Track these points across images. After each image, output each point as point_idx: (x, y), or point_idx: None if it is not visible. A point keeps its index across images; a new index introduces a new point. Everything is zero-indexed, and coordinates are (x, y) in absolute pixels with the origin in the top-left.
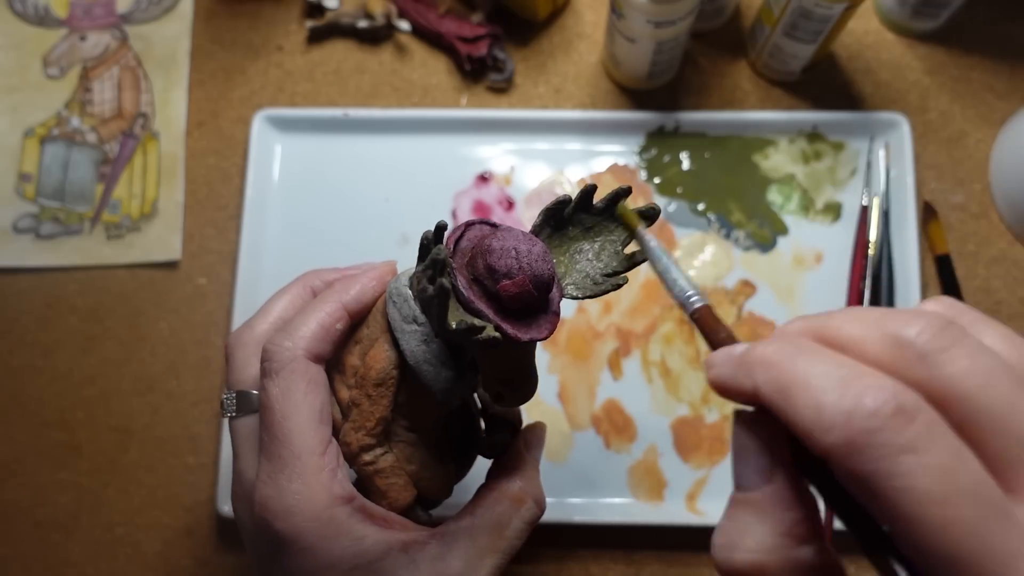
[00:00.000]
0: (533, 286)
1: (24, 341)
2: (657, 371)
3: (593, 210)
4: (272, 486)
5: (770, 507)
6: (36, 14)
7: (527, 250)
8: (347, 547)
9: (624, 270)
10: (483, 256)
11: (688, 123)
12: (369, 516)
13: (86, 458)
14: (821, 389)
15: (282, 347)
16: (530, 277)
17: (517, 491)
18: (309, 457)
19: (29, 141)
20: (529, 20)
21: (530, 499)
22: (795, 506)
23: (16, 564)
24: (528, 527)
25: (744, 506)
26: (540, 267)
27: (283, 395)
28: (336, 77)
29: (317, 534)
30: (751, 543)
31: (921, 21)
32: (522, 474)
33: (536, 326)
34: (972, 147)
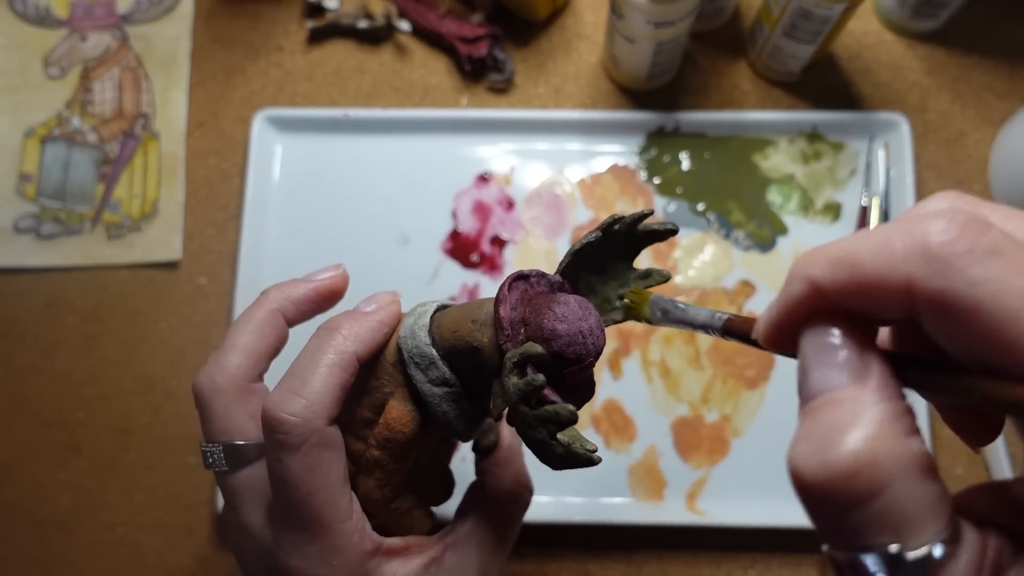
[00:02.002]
0: (595, 356)
1: (24, 341)
2: (657, 371)
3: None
4: (300, 557)
5: (873, 398)
6: (37, 14)
7: (590, 329)
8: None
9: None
10: (547, 343)
11: (688, 123)
12: (393, 554)
13: (86, 458)
14: (886, 239)
15: (298, 417)
16: (596, 356)
17: (512, 485)
18: (340, 526)
19: (30, 141)
20: (529, 20)
21: (524, 489)
22: (899, 396)
23: (16, 564)
24: (523, 515)
25: (834, 405)
26: (601, 342)
27: (308, 472)
28: (336, 77)
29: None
30: (855, 436)
31: (921, 21)
32: (513, 465)
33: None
34: (972, 147)
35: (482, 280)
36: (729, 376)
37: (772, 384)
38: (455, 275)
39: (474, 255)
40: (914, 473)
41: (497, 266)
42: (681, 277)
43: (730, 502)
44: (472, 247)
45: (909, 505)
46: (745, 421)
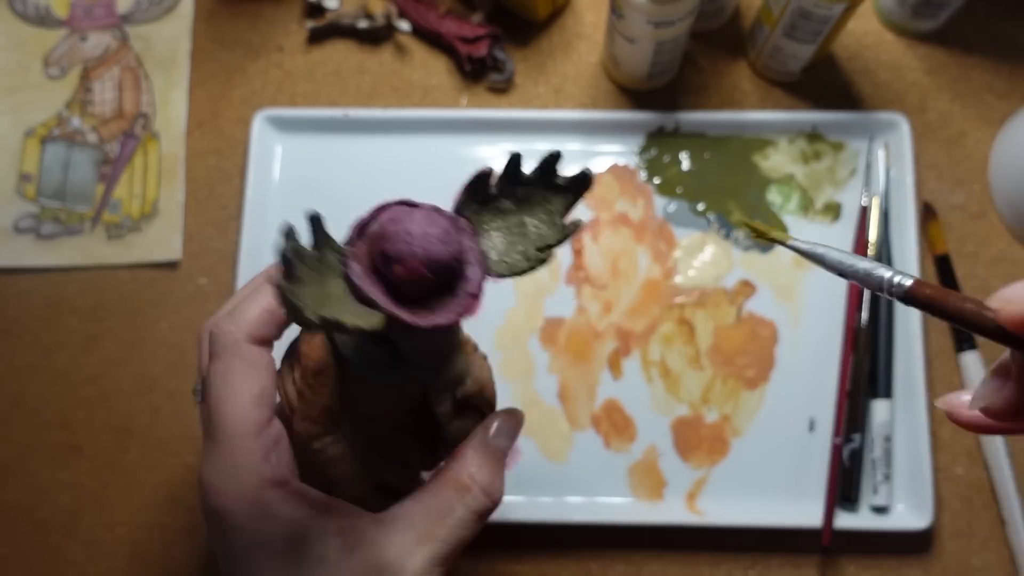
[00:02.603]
0: (428, 270)
1: (24, 341)
2: (657, 371)
3: (524, 180)
4: (209, 466)
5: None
6: (36, 14)
7: (422, 232)
8: (277, 530)
9: (557, 242)
10: (378, 242)
11: (688, 123)
12: (306, 501)
13: (87, 458)
14: None
15: (225, 331)
16: (423, 261)
17: (464, 477)
18: (242, 440)
19: (30, 141)
20: (529, 20)
21: (477, 487)
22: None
23: (17, 564)
24: (475, 517)
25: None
26: (437, 250)
27: (222, 378)
28: (336, 77)
29: (245, 515)
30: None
31: (921, 21)
32: (477, 460)
33: (443, 311)
34: (972, 147)
35: None
36: (729, 376)
37: (772, 384)
38: None
39: None
40: None
41: None
42: (681, 277)
43: (730, 502)
44: None
45: None
46: (745, 421)
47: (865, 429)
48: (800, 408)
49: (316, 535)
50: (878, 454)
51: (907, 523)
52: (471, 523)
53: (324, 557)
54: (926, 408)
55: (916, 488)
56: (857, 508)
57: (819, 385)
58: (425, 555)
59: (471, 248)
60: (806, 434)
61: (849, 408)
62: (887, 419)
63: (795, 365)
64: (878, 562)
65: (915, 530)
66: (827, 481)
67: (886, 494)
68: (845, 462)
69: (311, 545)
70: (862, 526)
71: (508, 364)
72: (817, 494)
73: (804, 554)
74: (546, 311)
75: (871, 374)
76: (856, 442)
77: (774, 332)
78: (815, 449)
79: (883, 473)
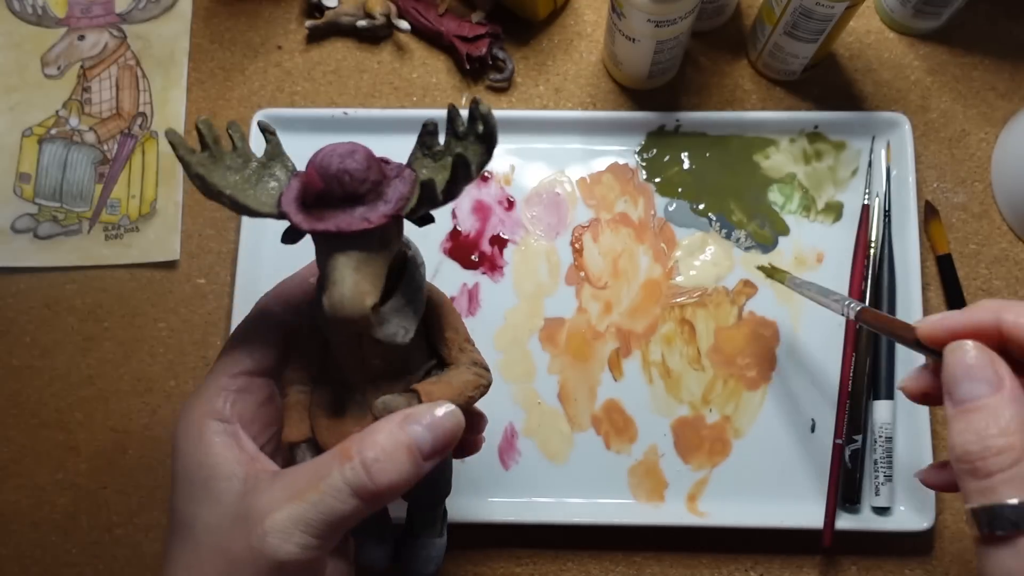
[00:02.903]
0: (320, 178)
1: (22, 342)
2: (657, 371)
3: (460, 133)
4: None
5: (1008, 402)
6: (34, 13)
7: (346, 152)
8: (202, 460)
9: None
10: (314, 156)
11: (689, 123)
12: (237, 444)
13: (84, 459)
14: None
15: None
16: (318, 168)
17: (351, 447)
18: (213, 376)
19: (27, 141)
20: (529, 19)
21: (359, 461)
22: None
23: (15, 565)
24: (349, 491)
25: (979, 411)
26: (337, 164)
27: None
28: (336, 76)
29: (185, 437)
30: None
31: (922, 20)
32: (374, 438)
33: (333, 219)
34: (974, 146)
35: (482, 280)
36: (730, 377)
37: (773, 385)
38: (455, 275)
39: (474, 255)
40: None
41: (497, 266)
42: (682, 277)
43: (731, 503)
44: (472, 247)
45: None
46: (746, 422)
47: (866, 430)
48: (801, 409)
49: (226, 475)
50: (879, 455)
51: (908, 524)
52: (344, 495)
53: (221, 497)
54: (927, 409)
55: (917, 489)
56: (858, 509)
57: (820, 386)
58: (288, 513)
59: (396, 189)
60: (807, 435)
61: (850, 409)
62: (888, 420)
63: (796, 365)
64: (879, 563)
65: (916, 531)
66: (828, 482)
67: (887, 495)
68: (846, 463)
69: (219, 483)
70: (863, 527)
71: (508, 364)
72: (818, 495)
73: (805, 555)
74: (546, 311)
75: (872, 375)
76: (857, 443)
77: (775, 332)
78: (816, 450)
79: (884, 474)
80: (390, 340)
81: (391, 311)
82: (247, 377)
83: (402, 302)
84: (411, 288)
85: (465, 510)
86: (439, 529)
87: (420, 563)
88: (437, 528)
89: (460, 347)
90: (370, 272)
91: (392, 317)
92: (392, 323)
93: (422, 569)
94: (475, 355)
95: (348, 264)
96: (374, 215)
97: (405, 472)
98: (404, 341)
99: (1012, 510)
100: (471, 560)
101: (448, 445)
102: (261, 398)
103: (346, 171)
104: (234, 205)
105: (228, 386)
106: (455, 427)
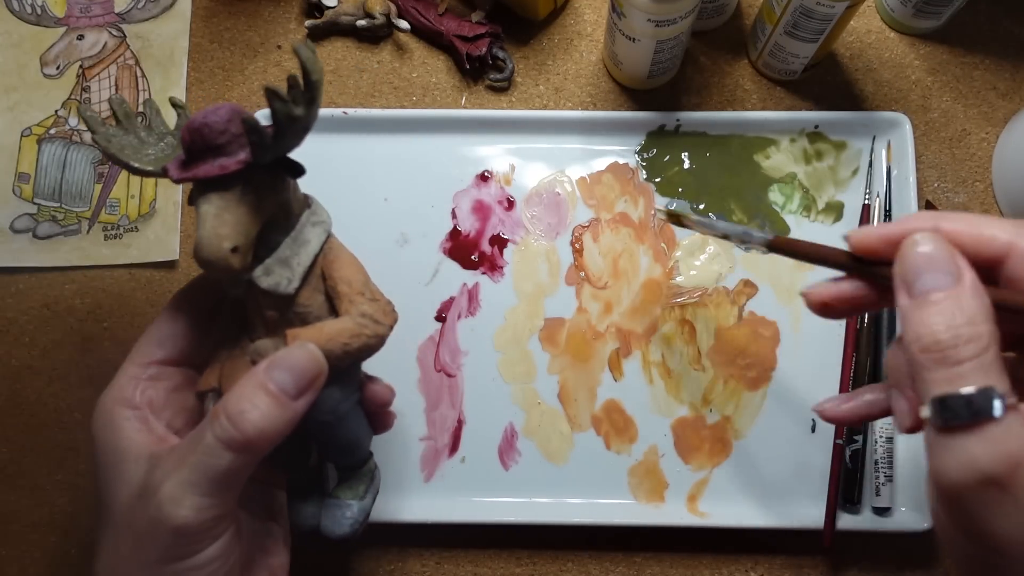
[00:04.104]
0: (187, 131)
1: (22, 342)
2: (658, 372)
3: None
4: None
5: (973, 293)
6: (33, 13)
7: (211, 110)
8: (114, 444)
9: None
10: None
11: (689, 122)
12: (146, 428)
13: (84, 459)
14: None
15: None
16: (186, 125)
17: (217, 405)
18: (124, 367)
19: (27, 141)
20: (529, 19)
21: (224, 415)
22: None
23: (14, 565)
24: (222, 445)
25: (945, 302)
26: (200, 119)
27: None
28: (335, 76)
29: (99, 425)
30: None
31: (923, 20)
32: (237, 390)
33: (196, 169)
34: (974, 146)
35: (482, 280)
36: (730, 377)
37: (774, 385)
38: (455, 275)
39: (474, 255)
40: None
41: (497, 266)
42: (682, 277)
43: (731, 504)
44: (472, 247)
45: (991, 367)
46: (747, 422)
47: (867, 430)
48: (802, 409)
49: (134, 457)
50: (880, 455)
51: (909, 524)
52: (219, 451)
53: (130, 478)
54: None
55: (918, 490)
56: (859, 510)
57: (821, 386)
58: (176, 479)
59: (254, 143)
60: (808, 435)
61: None
62: (889, 420)
63: (797, 366)
64: (880, 564)
65: (917, 531)
66: (828, 482)
67: (888, 495)
68: (847, 463)
69: (128, 464)
70: (864, 527)
71: (508, 364)
72: (819, 495)
73: (806, 556)
74: (546, 311)
75: (873, 375)
76: (858, 443)
77: (776, 332)
78: (817, 450)
79: (885, 474)
80: (273, 290)
81: (276, 262)
82: (158, 366)
83: (286, 254)
84: (298, 242)
85: (465, 510)
86: (360, 492)
87: (332, 522)
88: (358, 491)
89: (351, 299)
90: (231, 219)
91: (276, 268)
92: (276, 273)
93: (333, 528)
94: (365, 307)
95: (209, 210)
96: (230, 162)
97: (271, 415)
98: (288, 291)
99: (981, 394)
100: (471, 560)
101: (309, 382)
102: (173, 384)
103: (206, 123)
104: (122, 165)
105: (138, 375)
106: (309, 362)
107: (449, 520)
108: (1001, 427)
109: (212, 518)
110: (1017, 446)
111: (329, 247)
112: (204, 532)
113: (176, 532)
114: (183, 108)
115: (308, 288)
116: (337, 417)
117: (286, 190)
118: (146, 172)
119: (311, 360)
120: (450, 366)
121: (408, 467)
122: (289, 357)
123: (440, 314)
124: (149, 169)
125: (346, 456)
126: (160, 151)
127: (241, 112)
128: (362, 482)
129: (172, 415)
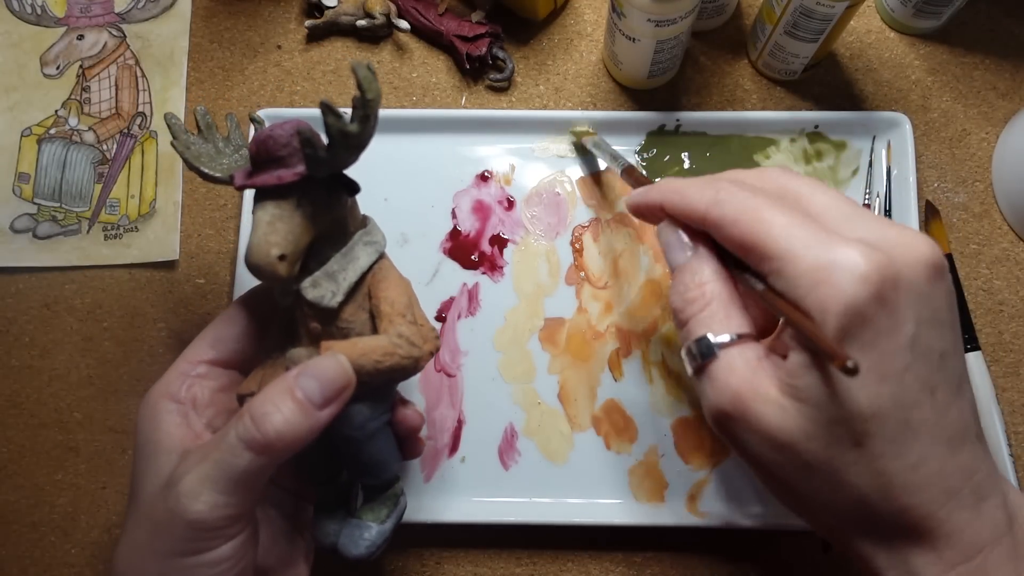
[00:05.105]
0: (254, 143)
1: (21, 342)
2: (658, 372)
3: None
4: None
5: (702, 261)
6: (33, 12)
7: (276, 126)
8: (151, 435)
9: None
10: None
11: (689, 122)
12: (185, 423)
13: (84, 459)
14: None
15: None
16: (259, 139)
17: (244, 406)
18: (176, 363)
19: (26, 141)
20: (529, 19)
21: (248, 416)
22: (717, 260)
23: (13, 566)
24: (243, 445)
25: (680, 272)
26: (266, 132)
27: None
28: (335, 76)
29: (142, 414)
30: (694, 283)
31: (923, 20)
32: (264, 393)
33: (257, 178)
34: (974, 146)
35: (482, 280)
36: None
37: None
38: (455, 275)
39: (474, 255)
40: (724, 297)
41: (497, 266)
42: None
43: (732, 504)
44: (472, 247)
45: (712, 318)
46: None
47: None
48: None
49: (167, 449)
50: None
51: None
52: (239, 450)
53: (160, 469)
54: None
55: None
56: None
57: None
58: (196, 474)
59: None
60: None
61: None
62: None
63: None
64: None
65: None
66: None
67: None
68: None
69: (160, 456)
70: None
71: (508, 364)
72: None
73: (806, 556)
74: (546, 311)
75: None
76: None
77: None
78: None
79: None
80: (318, 302)
81: (323, 275)
82: (208, 365)
83: (334, 269)
84: (347, 258)
85: (465, 510)
86: (381, 516)
87: (349, 542)
88: (380, 515)
89: (391, 319)
90: (282, 227)
91: (322, 281)
92: (321, 286)
93: (349, 548)
94: (404, 328)
95: (263, 217)
96: (287, 173)
97: (293, 420)
98: (331, 304)
99: (701, 342)
100: (471, 560)
101: (336, 393)
102: (220, 385)
103: (270, 136)
104: (195, 170)
105: (187, 371)
106: (337, 373)
107: (449, 520)
108: (721, 364)
109: (226, 516)
110: (737, 380)
111: (380, 267)
112: (217, 530)
113: (190, 526)
114: (260, 124)
115: (353, 304)
116: (365, 434)
117: (342, 207)
118: (215, 178)
119: (339, 371)
120: (450, 366)
121: (408, 467)
122: (318, 366)
123: (440, 314)
124: (218, 176)
125: (371, 476)
126: (234, 161)
127: (310, 132)
128: (385, 506)
129: (214, 414)
